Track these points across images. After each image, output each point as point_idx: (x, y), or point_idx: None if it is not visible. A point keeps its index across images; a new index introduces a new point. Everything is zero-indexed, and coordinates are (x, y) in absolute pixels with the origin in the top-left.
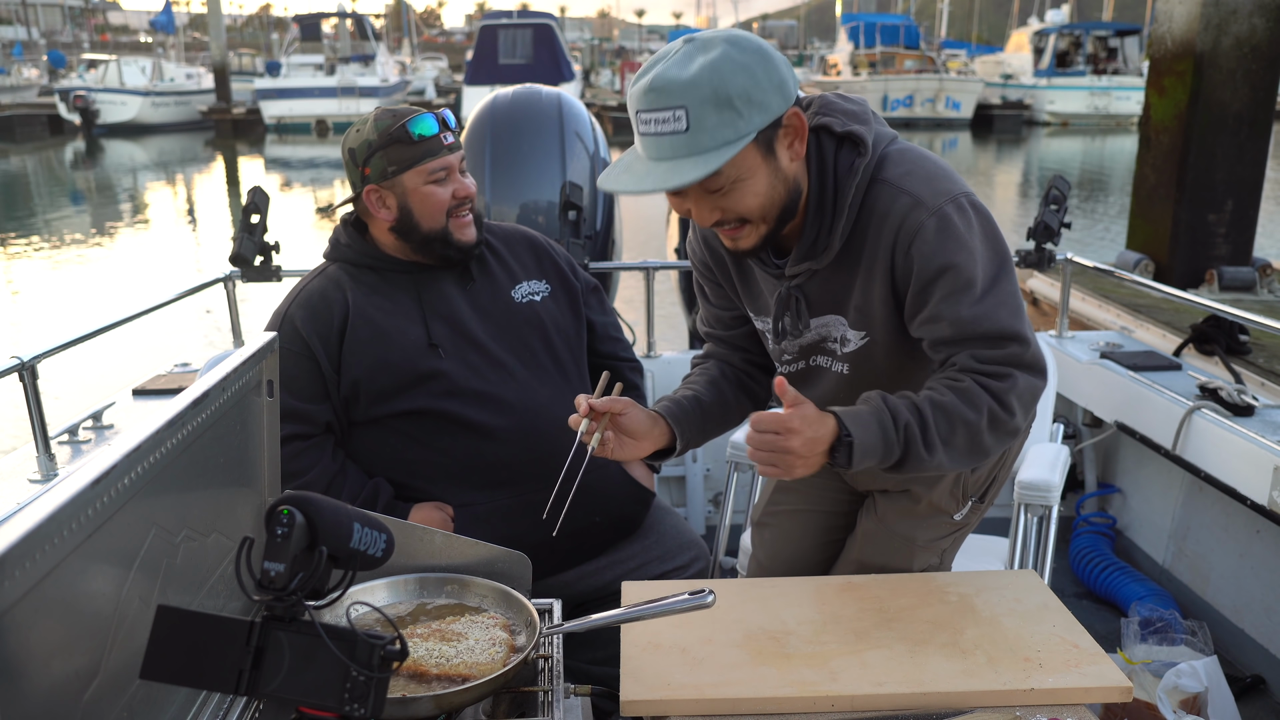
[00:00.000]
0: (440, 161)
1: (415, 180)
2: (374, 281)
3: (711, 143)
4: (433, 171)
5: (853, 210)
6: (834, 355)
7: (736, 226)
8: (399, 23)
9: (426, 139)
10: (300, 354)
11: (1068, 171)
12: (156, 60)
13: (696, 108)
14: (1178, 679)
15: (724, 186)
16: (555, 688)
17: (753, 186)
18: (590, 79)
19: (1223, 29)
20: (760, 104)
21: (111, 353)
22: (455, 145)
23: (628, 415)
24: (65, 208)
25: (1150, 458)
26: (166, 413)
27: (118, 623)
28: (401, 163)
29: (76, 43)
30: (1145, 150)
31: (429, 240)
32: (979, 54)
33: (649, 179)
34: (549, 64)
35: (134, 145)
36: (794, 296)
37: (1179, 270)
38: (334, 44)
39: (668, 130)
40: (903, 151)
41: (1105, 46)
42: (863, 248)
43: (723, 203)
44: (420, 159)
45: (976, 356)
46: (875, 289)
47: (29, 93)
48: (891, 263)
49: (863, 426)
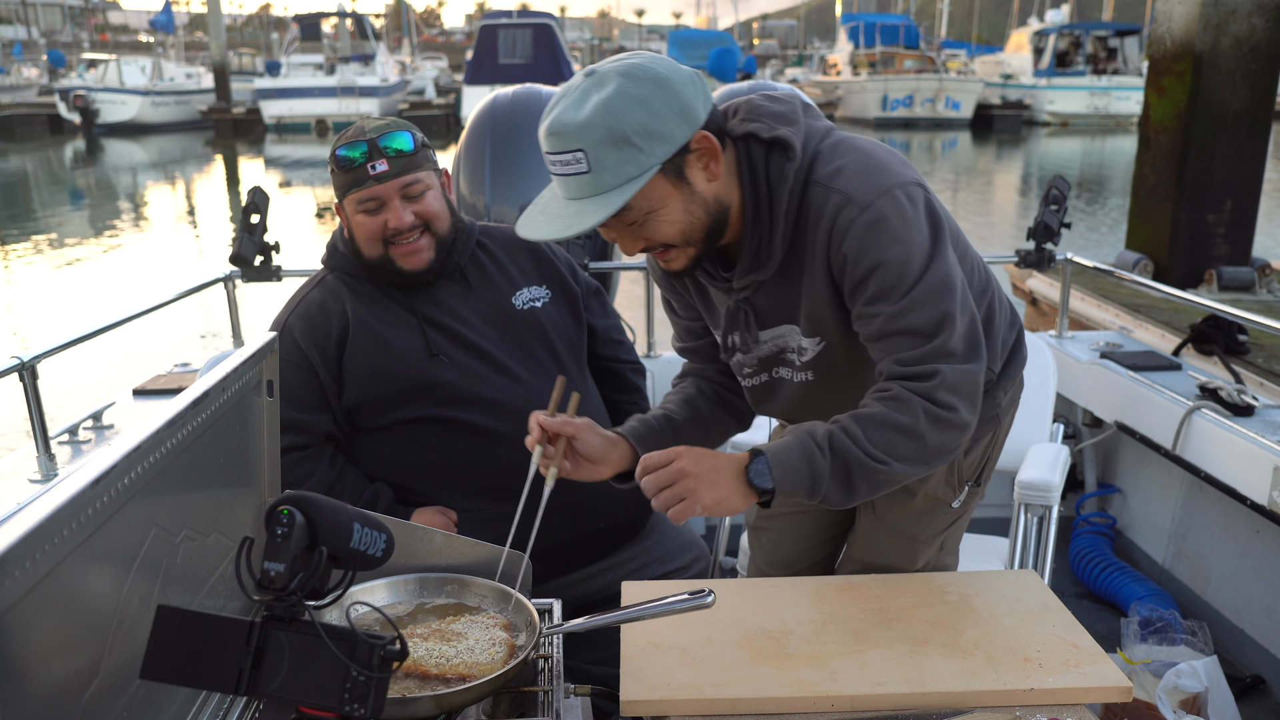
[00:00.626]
0: (366, 192)
1: (350, 207)
2: (372, 292)
3: (614, 180)
4: (361, 201)
5: (789, 217)
6: (793, 365)
7: (663, 250)
8: (399, 22)
9: (351, 169)
10: (299, 365)
11: (1067, 172)
12: (156, 60)
13: (594, 149)
14: (1178, 679)
15: (638, 219)
16: (555, 688)
17: (667, 215)
18: None
19: (1222, 29)
20: (660, 135)
21: (111, 353)
22: (389, 174)
23: (582, 439)
24: (65, 207)
25: (1150, 458)
26: (166, 413)
27: (118, 623)
28: (338, 188)
29: (76, 42)
30: (1144, 150)
31: (372, 266)
32: (979, 54)
33: (558, 222)
34: (549, 64)
35: (134, 145)
36: (742, 310)
37: (1178, 270)
38: (334, 44)
39: (572, 172)
40: (836, 146)
41: (1105, 46)
42: (804, 253)
43: (642, 233)
44: (348, 188)
45: (898, 360)
46: (820, 293)
47: (29, 92)
48: (828, 263)
49: (778, 445)
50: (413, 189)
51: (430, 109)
